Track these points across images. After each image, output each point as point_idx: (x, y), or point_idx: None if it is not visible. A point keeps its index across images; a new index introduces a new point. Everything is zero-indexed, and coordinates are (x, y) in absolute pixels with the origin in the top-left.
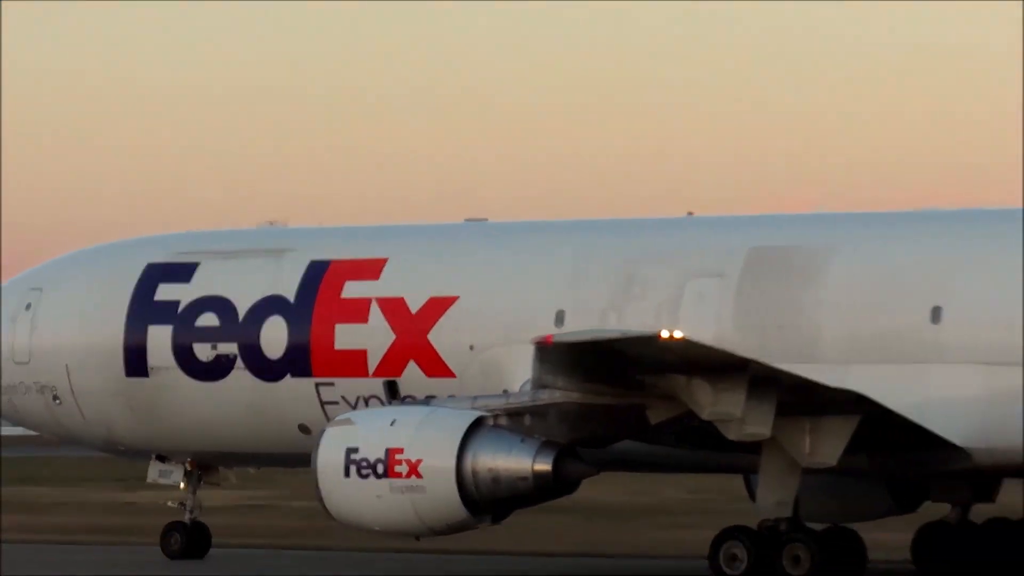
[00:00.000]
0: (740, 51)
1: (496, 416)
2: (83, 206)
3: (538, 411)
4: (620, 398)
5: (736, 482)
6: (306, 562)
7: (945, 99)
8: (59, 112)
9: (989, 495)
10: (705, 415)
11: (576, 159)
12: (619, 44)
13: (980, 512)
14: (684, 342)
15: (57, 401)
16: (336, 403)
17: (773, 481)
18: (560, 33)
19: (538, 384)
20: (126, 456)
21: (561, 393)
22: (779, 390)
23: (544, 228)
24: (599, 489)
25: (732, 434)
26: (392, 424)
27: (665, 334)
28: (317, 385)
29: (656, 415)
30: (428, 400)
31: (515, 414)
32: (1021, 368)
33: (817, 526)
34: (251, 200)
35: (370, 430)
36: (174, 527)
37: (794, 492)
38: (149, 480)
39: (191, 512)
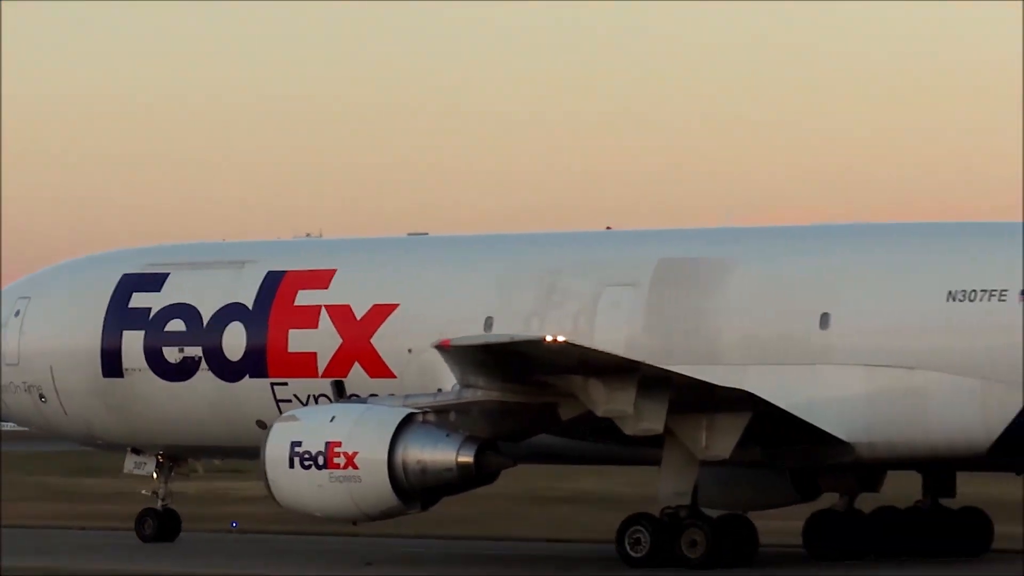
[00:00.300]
0: (663, 73)
1: (425, 413)
2: (84, 212)
3: (462, 408)
4: (534, 397)
5: None
6: (287, 546)
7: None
8: (61, 117)
9: (874, 485)
10: (600, 412)
11: (509, 177)
12: (553, 68)
13: (871, 500)
14: (565, 345)
15: (43, 399)
16: (289, 401)
17: (673, 472)
18: (499, 55)
19: (463, 384)
20: (104, 449)
21: (483, 392)
22: (672, 389)
23: (477, 241)
24: (605, 482)
25: (628, 429)
26: (332, 420)
27: (549, 338)
28: (272, 385)
29: (566, 412)
30: (369, 398)
31: (442, 411)
32: (901, 369)
33: (715, 513)
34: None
35: (312, 425)
36: (147, 513)
37: (692, 482)
38: (125, 471)
39: (163, 500)
